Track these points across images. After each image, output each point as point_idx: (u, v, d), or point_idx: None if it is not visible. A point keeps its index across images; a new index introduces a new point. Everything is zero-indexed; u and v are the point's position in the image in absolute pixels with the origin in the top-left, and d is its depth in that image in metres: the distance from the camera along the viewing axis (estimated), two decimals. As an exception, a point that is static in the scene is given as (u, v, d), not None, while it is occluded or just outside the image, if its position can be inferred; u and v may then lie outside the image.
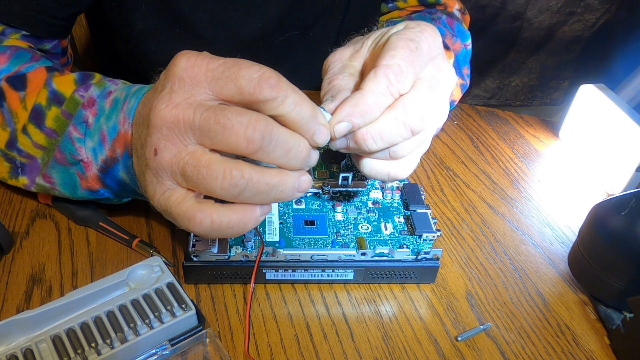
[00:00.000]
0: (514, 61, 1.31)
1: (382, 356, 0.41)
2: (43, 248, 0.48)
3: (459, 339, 0.43)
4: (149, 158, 0.33)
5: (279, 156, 0.33)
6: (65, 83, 0.44)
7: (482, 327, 0.44)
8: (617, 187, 0.59)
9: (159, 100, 0.33)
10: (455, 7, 0.70)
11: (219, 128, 0.31)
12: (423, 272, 0.46)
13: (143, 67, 0.67)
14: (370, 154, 0.39)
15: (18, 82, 0.45)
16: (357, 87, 0.38)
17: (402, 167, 0.41)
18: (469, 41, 0.67)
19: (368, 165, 0.40)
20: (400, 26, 0.39)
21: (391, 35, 0.38)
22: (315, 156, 0.36)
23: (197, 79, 0.33)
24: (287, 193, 0.34)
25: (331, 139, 0.37)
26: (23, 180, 0.47)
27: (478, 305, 0.46)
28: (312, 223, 0.47)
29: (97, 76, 0.46)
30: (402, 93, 0.37)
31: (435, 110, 0.39)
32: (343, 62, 0.41)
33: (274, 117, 0.33)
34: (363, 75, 0.39)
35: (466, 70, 0.67)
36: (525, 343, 0.43)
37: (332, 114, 0.37)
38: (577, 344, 0.44)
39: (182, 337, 0.39)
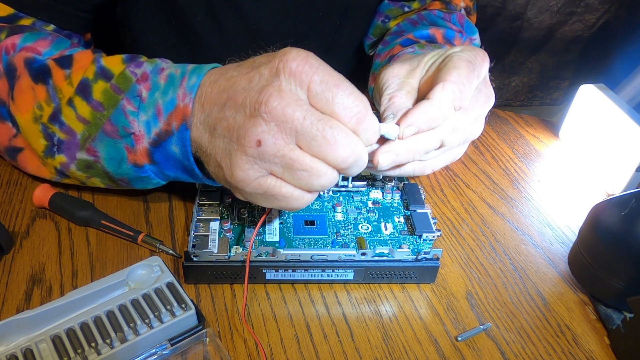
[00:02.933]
0: (514, 61, 1.31)
1: (382, 356, 0.41)
2: (43, 248, 0.48)
3: (459, 339, 0.43)
4: (249, 146, 0.36)
5: (354, 171, 0.38)
6: (113, 60, 0.45)
7: (482, 327, 0.44)
8: (617, 187, 0.59)
9: (270, 96, 0.35)
10: (461, 5, 0.70)
11: (323, 141, 0.35)
12: (423, 272, 0.46)
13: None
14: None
15: (65, 60, 0.46)
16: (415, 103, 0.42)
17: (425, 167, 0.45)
18: (476, 35, 0.67)
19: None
20: (457, 48, 0.44)
21: (452, 54, 0.43)
22: None
23: (302, 83, 0.36)
24: None
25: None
26: (60, 159, 0.47)
27: (478, 305, 0.46)
28: (312, 223, 0.47)
29: (144, 57, 0.46)
30: (462, 107, 0.41)
31: (476, 126, 0.45)
32: (400, 79, 0.44)
33: None
34: (422, 89, 0.44)
35: None
36: (525, 343, 0.43)
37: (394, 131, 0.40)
38: (577, 344, 0.44)
39: (182, 337, 0.39)
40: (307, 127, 0.35)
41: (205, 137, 0.40)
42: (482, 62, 0.43)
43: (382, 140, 0.39)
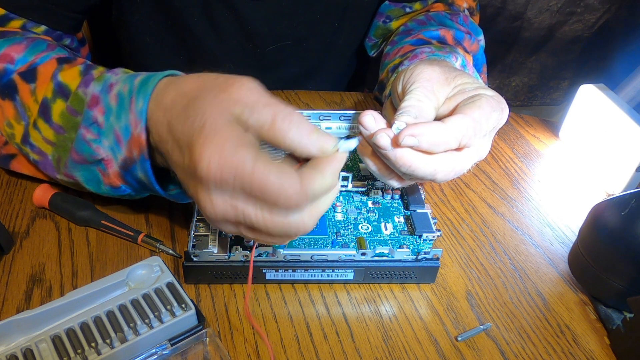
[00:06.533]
0: (514, 61, 1.31)
1: (382, 356, 0.41)
2: (43, 248, 0.48)
3: (459, 339, 0.43)
4: (202, 199, 0.35)
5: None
6: (70, 74, 0.45)
7: (482, 327, 0.44)
8: (617, 187, 0.59)
9: (200, 160, 0.33)
10: (464, 6, 0.70)
11: (260, 193, 0.33)
12: (423, 272, 0.46)
13: (142, 61, 0.67)
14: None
15: (29, 74, 0.46)
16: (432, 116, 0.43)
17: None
18: (482, 36, 0.67)
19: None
20: (489, 92, 0.43)
21: (483, 96, 0.42)
22: None
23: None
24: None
25: (395, 141, 0.39)
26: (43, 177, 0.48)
27: (478, 305, 0.46)
28: (312, 223, 0.47)
29: (100, 68, 0.46)
30: (467, 146, 0.41)
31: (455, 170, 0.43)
32: (432, 85, 0.43)
33: None
34: (440, 109, 0.44)
35: (484, 68, 0.67)
36: (525, 343, 0.43)
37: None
38: (577, 344, 0.44)
39: (182, 337, 0.39)
40: (239, 185, 0.33)
41: (166, 163, 0.40)
42: (502, 116, 0.43)
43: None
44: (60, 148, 0.45)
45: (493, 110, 0.42)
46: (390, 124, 0.40)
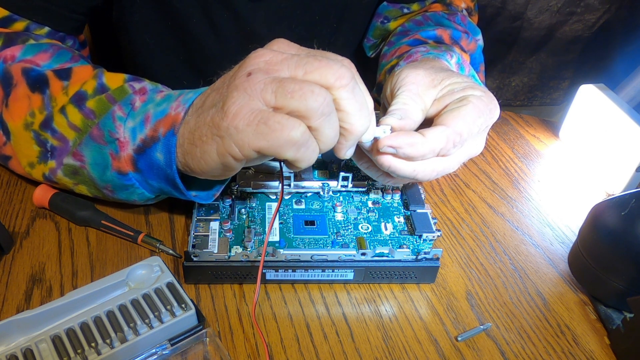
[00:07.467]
0: (514, 61, 1.31)
1: (382, 356, 0.41)
2: (43, 248, 0.48)
3: (459, 339, 0.43)
4: (240, 81, 0.36)
5: (353, 104, 0.36)
6: (115, 78, 0.46)
7: (482, 327, 0.44)
8: (617, 187, 0.59)
9: (256, 51, 0.37)
10: (462, 6, 0.70)
11: (316, 61, 0.36)
12: (423, 272, 0.46)
13: (142, 61, 0.67)
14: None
15: (64, 72, 0.47)
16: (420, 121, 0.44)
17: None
18: (480, 36, 0.67)
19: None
20: (477, 92, 0.44)
21: (471, 97, 0.43)
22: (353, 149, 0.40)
23: (290, 46, 0.39)
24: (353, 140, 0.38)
25: (376, 148, 0.41)
26: (51, 165, 0.47)
27: (478, 305, 0.46)
28: (312, 223, 0.47)
29: (147, 80, 0.47)
30: (446, 155, 0.42)
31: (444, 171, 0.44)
32: (419, 88, 0.44)
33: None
34: (430, 109, 0.45)
35: (482, 67, 0.67)
36: (525, 343, 0.43)
37: (391, 129, 0.41)
38: (577, 344, 0.44)
39: (182, 337, 0.39)
40: (296, 58, 0.36)
41: (192, 121, 0.39)
42: (492, 116, 0.44)
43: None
44: (84, 133, 0.45)
45: (479, 115, 0.42)
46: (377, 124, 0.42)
